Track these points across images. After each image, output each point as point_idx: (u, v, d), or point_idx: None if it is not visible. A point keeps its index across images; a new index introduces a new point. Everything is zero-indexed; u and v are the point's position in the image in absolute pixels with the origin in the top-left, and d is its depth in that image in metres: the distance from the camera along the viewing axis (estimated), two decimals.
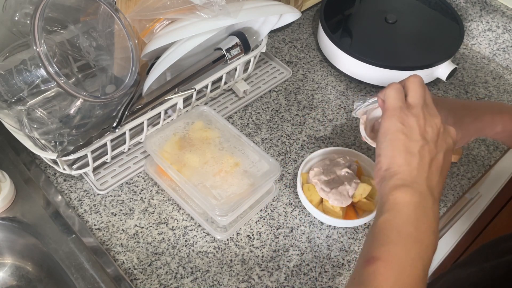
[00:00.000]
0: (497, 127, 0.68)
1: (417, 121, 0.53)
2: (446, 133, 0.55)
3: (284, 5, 0.78)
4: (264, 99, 0.91)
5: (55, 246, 0.68)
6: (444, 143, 0.54)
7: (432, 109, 0.56)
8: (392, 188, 0.51)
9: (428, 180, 0.51)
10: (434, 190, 0.51)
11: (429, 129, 0.53)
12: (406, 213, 0.49)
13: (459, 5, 1.04)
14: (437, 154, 0.53)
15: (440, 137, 0.54)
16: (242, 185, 0.70)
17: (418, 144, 0.52)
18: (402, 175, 0.51)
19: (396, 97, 0.55)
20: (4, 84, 0.65)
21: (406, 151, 0.52)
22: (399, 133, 0.52)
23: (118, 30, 0.69)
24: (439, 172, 0.52)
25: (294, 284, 0.68)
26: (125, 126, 0.71)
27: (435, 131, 0.54)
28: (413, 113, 0.54)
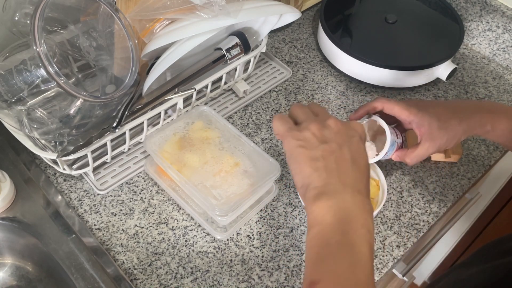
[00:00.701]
0: (487, 126, 0.68)
1: (310, 131, 0.52)
2: (346, 127, 0.54)
3: (284, 5, 0.78)
4: (264, 99, 0.91)
5: (55, 246, 0.68)
6: (347, 136, 0.53)
7: (323, 114, 0.55)
8: (310, 202, 0.50)
9: (340, 177, 0.50)
10: (351, 184, 0.50)
11: (325, 131, 0.52)
12: (328, 222, 0.48)
13: (459, 5, 1.04)
14: (341, 149, 0.52)
15: (340, 132, 0.53)
16: (242, 185, 0.70)
17: (318, 149, 0.51)
18: (314, 184, 0.50)
19: (281, 122, 0.55)
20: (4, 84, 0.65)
21: (309, 160, 0.51)
22: (298, 149, 0.52)
23: (118, 30, 0.69)
24: (349, 164, 0.51)
25: (294, 284, 0.68)
26: (125, 126, 0.71)
27: (333, 130, 0.53)
28: (303, 127, 0.53)
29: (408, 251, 0.74)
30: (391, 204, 0.78)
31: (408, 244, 0.73)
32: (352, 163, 0.51)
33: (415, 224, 0.75)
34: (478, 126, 0.69)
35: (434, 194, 0.79)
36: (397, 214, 0.76)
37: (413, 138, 0.78)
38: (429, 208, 0.78)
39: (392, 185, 0.80)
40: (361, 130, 0.55)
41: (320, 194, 0.50)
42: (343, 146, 0.52)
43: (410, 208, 0.77)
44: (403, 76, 0.91)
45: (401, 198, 0.78)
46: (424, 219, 0.76)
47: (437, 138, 0.68)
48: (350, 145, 0.52)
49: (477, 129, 0.69)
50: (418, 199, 0.79)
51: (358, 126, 0.55)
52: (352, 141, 0.53)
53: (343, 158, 0.51)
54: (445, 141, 0.68)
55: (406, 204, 0.78)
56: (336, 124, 0.53)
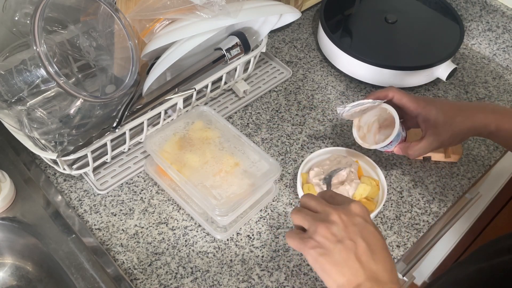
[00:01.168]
0: (491, 126, 0.68)
1: (320, 235, 0.52)
2: (350, 216, 0.54)
3: (284, 5, 0.78)
4: (264, 99, 0.91)
5: (55, 246, 0.68)
6: (354, 226, 0.53)
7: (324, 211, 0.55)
8: None
9: (366, 272, 0.51)
10: (378, 275, 0.51)
11: (334, 229, 0.52)
12: None
13: (459, 5, 1.04)
14: (356, 243, 0.52)
15: (347, 225, 0.53)
16: (242, 185, 0.70)
17: (335, 252, 0.51)
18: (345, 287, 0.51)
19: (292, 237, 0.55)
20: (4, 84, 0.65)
21: (333, 266, 0.51)
22: (319, 258, 0.52)
23: (118, 30, 0.69)
24: (370, 255, 0.52)
25: (294, 284, 0.68)
26: (125, 126, 0.71)
27: (340, 225, 0.53)
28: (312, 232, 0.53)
29: (408, 251, 0.74)
30: (391, 204, 0.78)
31: (408, 244, 0.73)
32: (372, 254, 0.52)
33: (415, 224, 0.75)
34: (482, 126, 0.69)
35: (434, 194, 0.79)
36: (397, 214, 0.76)
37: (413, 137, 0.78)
38: (429, 208, 0.78)
39: (392, 185, 0.80)
40: (360, 210, 0.55)
41: None
42: (357, 239, 0.52)
43: (410, 208, 0.77)
44: (403, 76, 0.91)
45: (401, 198, 0.78)
46: (424, 219, 0.76)
47: (441, 133, 0.68)
48: (361, 234, 0.52)
49: (481, 129, 0.69)
50: (418, 199, 0.79)
51: (357, 208, 0.55)
52: (361, 228, 0.53)
53: (362, 252, 0.52)
54: (448, 137, 0.68)
55: (406, 204, 0.78)
56: (339, 217, 0.53)
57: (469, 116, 0.69)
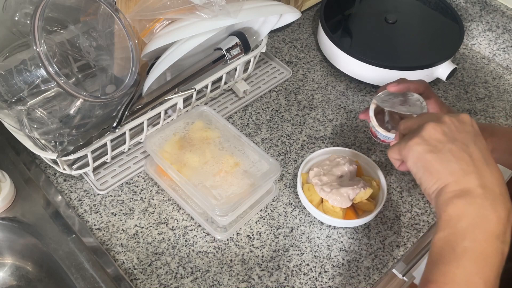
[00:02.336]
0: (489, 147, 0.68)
1: (428, 132, 0.50)
2: (461, 124, 0.50)
3: (284, 5, 0.78)
4: (264, 99, 0.91)
5: (55, 246, 0.68)
6: (466, 133, 0.50)
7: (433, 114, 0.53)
8: (445, 204, 0.47)
9: (480, 178, 0.47)
10: (491, 186, 0.47)
11: (444, 128, 0.49)
12: (460, 227, 0.46)
13: (459, 5, 1.04)
14: (469, 147, 0.48)
15: (459, 129, 0.50)
16: (242, 185, 0.70)
17: (446, 150, 0.48)
18: (451, 187, 0.48)
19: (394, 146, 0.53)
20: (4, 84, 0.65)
21: (442, 163, 0.48)
22: (426, 154, 0.49)
23: (118, 30, 0.69)
24: (484, 164, 0.48)
25: (294, 284, 0.68)
26: (125, 126, 0.71)
27: (451, 127, 0.50)
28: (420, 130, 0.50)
29: (408, 251, 0.74)
30: (391, 204, 0.78)
31: (408, 244, 0.73)
32: (486, 163, 0.48)
33: (415, 224, 0.75)
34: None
35: None
36: (397, 214, 0.76)
37: None
38: (429, 208, 0.77)
39: (392, 185, 0.80)
40: (472, 121, 0.52)
41: (458, 197, 0.47)
42: (469, 144, 0.49)
43: (410, 208, 0.77)
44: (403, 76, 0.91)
45: (401, 198, 0.78)
46: (424, 219, 0.76)
47: None
48: (475, 142, 0.49)
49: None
50: (418, 199, 0.79)
51: (468, 118, 0.51)
52: (473, 136, 0.50)
53: (476, 157, 0.48)
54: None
55: (406, 204, 0.78)
56: (451, 120, 0.50)
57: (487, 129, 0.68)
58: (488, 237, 0.45)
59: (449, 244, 0.46)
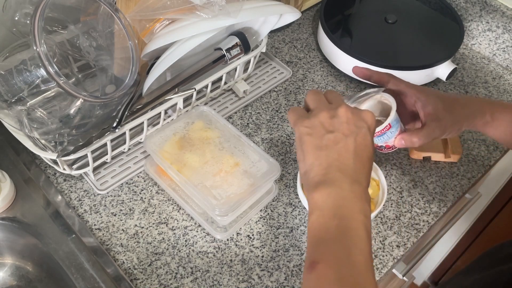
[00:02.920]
0: (486, 116, 0.67)
1: (319, 119, 0.54)
2: (356, 117, 0.54)
3: (284, 5, 0.78)
4: (264, 99, 0.91)
5: (55, 246, 0.68)
6: (355, 127, 0.53)
7: (336, 102, 0.56)
8: (311, 189, 0.52)
9: (340, 167, 0.51)
10: (350, 174, 0.51)
11: (334, 120, 0.53)
12: (327, 207, 0.50)
13: (459, 5, 1.04)
14: (347, 139, 0.52)
15: (349, 122, 0.53)
16: (242, 185, 0.70)
17: (323, 138, 0.53)
18: (315, 172, 0.52)
19: (294, 112, 0.57)
20: (4, 84, 0.65)
21: (314, 149, 0.53)
22: (305, 136, 0.53)
23: (118, 30, 0.69)
24: (351, 155, 0.52)
25: (294, 284, 0.68)
26: (125, 126, 0.71)
27: (342, 119, 0.53)
28: (313, 114, 0.54)
29: (408, 251, 0.74)
30: (391, 204, 0.78)
31: (408, 244, 0.73)
32: (354, 155, 0.52)
33: (415, 224, 0.75)
34: (478, 114, 0.68)
35: (434, 194, 0.79)
36: (397, 214, 0.76)
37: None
38: (429, 208, 0.78)
39: (392, 185, 0.80)
40: (370, 120, 0.55)
41: (320, 183, 0.51)
42: (349, 136, 0.53)
43: (410, 208, 0.77)
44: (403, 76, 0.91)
45: (401, 198, 0.78)
46: (424, 219, 0.76)
47: (442, 119, 0.67)
48: (356, 136, 0.53)
49: (478, 118, 0.68)
50: (418, 199, 0.79)
51: (369, 116, 0.55)
52: (359, 132, 0.53)
53: (347, 148, 0.52)
54: (450, 124, 0.67)
55: (406, 204, 0.78)
56: (346, 113, 0.54)
57: (466, 104, 0.69)
58: (352, 213, 0.50)
59: (322, 224, 0.50)
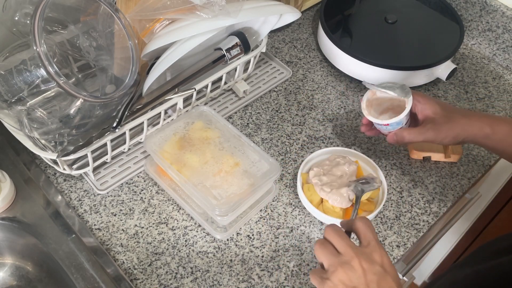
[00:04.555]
0: (486, 128, 0.68)
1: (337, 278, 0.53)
2: (370, 264, 0.54)
3: (284, 5, 0.78)
4: (264, 99, 0.91)
5: (55, 246, 0.68)
6: (373, 274, 0.53)
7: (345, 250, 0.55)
8: None
9: None
10: None
11: (351, 274, 0.53)
12: None
13: (459, 5, 1.04)
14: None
15: (366, 273, 0.53)
16: (242, 185, 0.70)
17: None
18: None
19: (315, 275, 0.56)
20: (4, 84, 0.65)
21: None
22: None
23: (118, 30, 0.69)
24: None
25: (294, 284, 0.68)
26: (125, 126, 0.71)
27: (359, 272, 0.53)
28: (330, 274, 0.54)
29: (408, 251, 0.74)
30: (391, 204, 0.78)
31: (408, 244, 0.73)
32: None
33: (415, 224, 0.75)
34: (477, 126, 0.69)
35: (434, 194, 0.79)
36: (397, 214, 0.76)
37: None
38: (429, 208, 0.78)
39: (392, 185, 0.80)
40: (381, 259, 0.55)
41: None
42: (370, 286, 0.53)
43: (410, 208, 0.77)
44: (403, 76, 0.91)
45: (401, 198, 0.78)
46: (424, 219, 0.76)
47: (438, 122, 0.68)
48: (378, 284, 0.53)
49: (476, 129, 0.69)
50: (418, 199, 0.79)
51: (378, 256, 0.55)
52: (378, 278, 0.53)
53: None
54: (446, 129, 0.68)
55: (406, 204, 0.78)
56: (360, 264, 0.54)
57: (466, 114, 0.70)
58: None
59: None
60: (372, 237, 0.57)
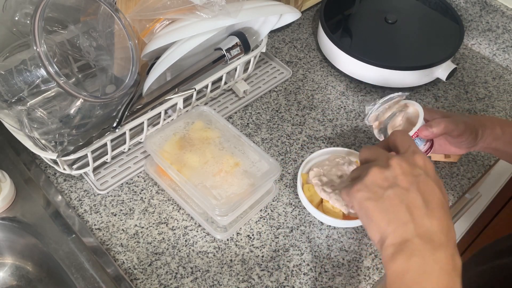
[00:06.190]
0: (497, 129, 0.68)
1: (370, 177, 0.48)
2: (410, 166, 0.49)
3: (284, 5, 0.78)
4: (264, 99, 0.91)
5: (55, 246, 0.68)
6: (413, 176, 0.48)
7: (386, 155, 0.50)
8: (388, 260, 0.46)
9: (417, 229, 0.46)
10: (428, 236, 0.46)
11: (388, 173, 0.48)
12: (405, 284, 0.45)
13: (459, 5, 1.04)
14: (409, 192, 0.47)
15: (405, 173, 0.48)
16: (242, 185, 0.70)
17: (384, 198, 0.47)
18: (390, 240, 0.47)
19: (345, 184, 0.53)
20: (4, 84, 0.65)
21: (379, 213, 0.47)
22: (365, 202, 0.48)
23: (118, 30, 0.69)
24: (423, 210, 0.46)
25: (294, 284, 0.68)
26: (125, 126, 0.71)
27: (397, 171, 0.48)
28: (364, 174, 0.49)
29: None
30: None
31: None
32: (426, 210, 0.47)
33: None
34: (489, 126, 0.68)
35: None
36: None
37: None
38: None
39: None
40: (424, 163, 0.50)
41: (397, 253, 0.46)
42: (411, 189, 0.47)
43: None
44: (403, 76, 0.91)
45: None
46: None
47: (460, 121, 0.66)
48: (418, 186, 0.47)
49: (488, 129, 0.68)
50: None
51: (422, 160, 0.50)
52: (419, 180, 0.48)
53: (415, 204, 0.47)
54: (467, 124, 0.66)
55: None
56: (399, 164, 0.48)
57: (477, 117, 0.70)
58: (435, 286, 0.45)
59: None
60: (412, 143, 0.51)
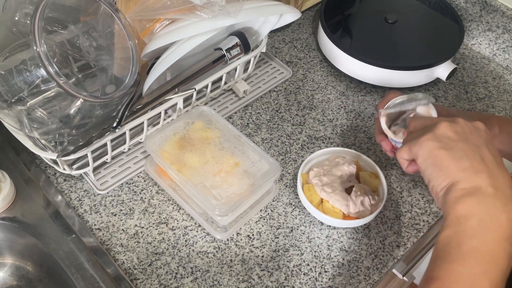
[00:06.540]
0: (495, 127, 0.68)
1: (441, 130, 0.49)
2: (475, 128, 0.50)
3: (284, 5, 0.78)
4: (264, 99, 0.91)
5: (55, 246, 0.68)
6: (479, 137, 0.49)
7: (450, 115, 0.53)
8: (453, 202, 0.46)
9: (491, 179, 0.46)
10: (502, 187, 0.46)
11: (458, 128, 0.49)
12: (468, 226, 0.45)
13: (459, 5, 1.04)
14: (481, 148, 0.48)
15: (472, 132, 0.49)
16: (242, 185, 0.70)
17: (458, 148, 0.47)
18: (461, 184, 0.47)
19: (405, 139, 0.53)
20: (4, 84, 0.65)
21: (453, 160, 0.47)
22: (437, 151, 0.48)
23: (118, 30, 0.69)
24: (495, 165, 0.47)
25: (294, 284, 0.68)
26: (125, 126, 0.71)
27: (465, 129, 0.49)
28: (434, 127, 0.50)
29: (408, 251, 0.74)
30: (391, 204, 0.78)
31: (408, 244, 0.73)
32: (497, 166, 0.47)
33: (415, 224, 0.75)
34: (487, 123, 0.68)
35: None
36: (397, 214, 0.76)
37: None
38: (429, 208, 0.77)
39: (392, 185, 0.80)
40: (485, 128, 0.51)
41: (468, 195, 0.46)
42: (482, 146, 0.48)
43: (410, 208, 0.77)
44: (403, 76, 0.91)
45: (401, 198, 0.78)
46: (424, 219, 0.76)
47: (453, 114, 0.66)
48: (487, 146, 0.48)
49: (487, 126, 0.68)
50: (418, 199, 0.79)
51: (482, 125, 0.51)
52: (486, 140, 0.49)
53: (488, 159, 0.47)
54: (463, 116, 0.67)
55: (406, 204, 0.78)
56: (465, 123, 0.50)
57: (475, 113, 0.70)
58: (498, 238, 0.44)
59: (456, 242, 0.45)
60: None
